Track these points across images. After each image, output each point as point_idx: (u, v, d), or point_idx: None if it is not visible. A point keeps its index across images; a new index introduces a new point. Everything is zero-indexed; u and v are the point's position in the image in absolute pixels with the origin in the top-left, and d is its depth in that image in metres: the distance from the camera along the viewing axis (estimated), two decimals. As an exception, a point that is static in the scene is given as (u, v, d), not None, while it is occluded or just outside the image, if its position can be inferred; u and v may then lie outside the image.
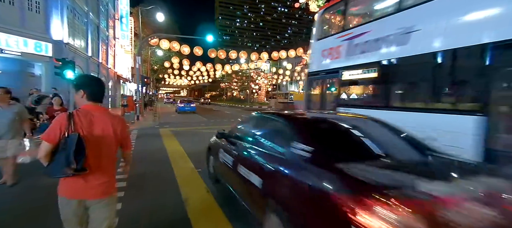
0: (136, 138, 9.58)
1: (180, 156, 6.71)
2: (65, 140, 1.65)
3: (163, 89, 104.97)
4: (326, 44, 6.73)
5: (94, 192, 1.79)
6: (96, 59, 20.83)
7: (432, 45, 4.03)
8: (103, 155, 1.80)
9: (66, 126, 1.67)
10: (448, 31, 3.85)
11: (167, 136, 10.14)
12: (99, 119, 1.80)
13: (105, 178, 1.83)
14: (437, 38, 3.98)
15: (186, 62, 32.43)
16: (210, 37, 16.52)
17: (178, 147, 7.98)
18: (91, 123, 1.76)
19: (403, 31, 4.44)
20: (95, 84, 1.91)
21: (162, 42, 23.17)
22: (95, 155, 1.74)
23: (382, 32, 4.97)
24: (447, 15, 3.90)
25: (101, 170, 1.80)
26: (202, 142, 8.61)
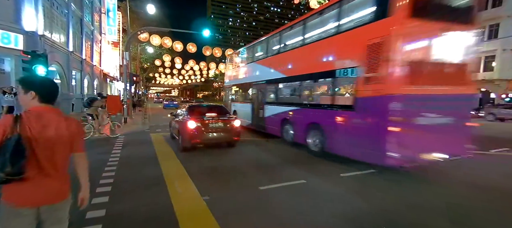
0: (122, 146, 7.99)
1: (178, 176, 5.21)
2: (5, 143, 1.56)
3: (154, 89, 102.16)
4: (228, 72, 15.66)
5: (46, 196, 1.71)
6: (79, 55, 18.91)
7: (258, 78, 10.63)
8: (56, 158, 1.72)
9: (10, 128, 1.59)
10: (260, 74, 10.51)
11: (160, 144, 8.58)
12: (53, 121, 1.73)
13: (57, 182, 1.75)
14: (258, 75, 10.64)
15: (179, 61, 30.74)
16: (206, 31, 14.97)
17: (174, 160, 6.46)
18: (44, 125, 1.68)
19: (249, 70, 11.80)
20: (48, 85, 1.82)
21: (152, 38, 21.52)
22: (48, 158, 1.68)
23: (244, 70, 12.64)
24: (258, 69, 10.74)
25: (53, 173, 1.72)
26: (203, 152, 7.31)
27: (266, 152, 7.72)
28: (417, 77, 4.94)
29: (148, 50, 31.93)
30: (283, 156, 7.04)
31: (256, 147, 8.35)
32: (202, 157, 6.75)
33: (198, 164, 6.04)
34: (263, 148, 8.27)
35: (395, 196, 4.37)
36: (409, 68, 4.81)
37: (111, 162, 6.01)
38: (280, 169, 5.78)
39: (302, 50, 7.94)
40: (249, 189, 4.51)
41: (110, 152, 7.12)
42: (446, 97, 5.25)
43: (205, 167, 5.87)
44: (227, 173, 5.51)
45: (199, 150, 7.54)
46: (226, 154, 7.26)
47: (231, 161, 6.60)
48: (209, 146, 7.76)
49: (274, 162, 6.43)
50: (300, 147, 7.78)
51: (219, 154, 7.18)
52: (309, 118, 7.30)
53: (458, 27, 5.32)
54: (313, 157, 6.90)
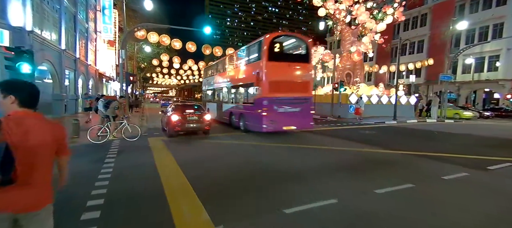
0: (117, 153, 7.14)
1: (182, 191, 4.39)
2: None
3: (151, 89, 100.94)
4: (203, 81, 20.76)
5: (27, 204, 1.66)
6: (72, 53, 17.97)
7: (218, 85, 15.54)
8: (37, 164, 1.67)
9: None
10: (219, 83, 15.47)
11: (159, 150, 7.74)
12: (35, 127, 1.68)
13: (37, 189, 1.69)
14: (218, 83, 15.59)
15: (177, 60, 29.73)
16: (207, 29, 14.15)
17: (176, 171, 5.64)
18: (25, 131, 1.62)
19: (214, 80, 16.34)
20: (29, 89, 1.76)
21: (150, 36, 20.61)
22: (29, 164, 1.63)
23: (212, 79, 17.05)
24: (218, 79, 15.60)
25: (34, 180, 1.66)
26: (207, 158, 6.49)
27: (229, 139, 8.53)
28: (276, 89, 9.92)
29: (145, 49, 30.99)
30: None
31: (223, 137, 8.98)
32: (204, 163, 5.96)
33: (206, 177, 5.24)
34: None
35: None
36: (271, 84, 9.84)
37: (102, 176, 5.17)
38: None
39: (234, 69, 13.24)
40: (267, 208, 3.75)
41: (101, 160, 6.28)
42: (294, 98, 10.28)
43: (213, 178, 5.08)
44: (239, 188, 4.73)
45: (199, 154, 6.74)
46: (223, 157, 6.49)
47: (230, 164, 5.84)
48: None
49: (221, 130, 7.95)
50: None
51: (219, 156, 6.41)
52: (240, 111, 12.07)
53: (298, 63, 10.63)
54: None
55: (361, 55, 21.73)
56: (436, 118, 17.85)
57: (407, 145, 9.23)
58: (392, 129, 13.71)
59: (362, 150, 8.02)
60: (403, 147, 8.59)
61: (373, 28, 21.19)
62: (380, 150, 7.96)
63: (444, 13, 35.45)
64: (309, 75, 10.93)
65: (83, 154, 6.94)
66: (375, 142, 9.37)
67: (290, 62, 10.44)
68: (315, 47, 24.94)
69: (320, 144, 9.07)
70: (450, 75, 21.01)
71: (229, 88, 13.50)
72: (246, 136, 10.43)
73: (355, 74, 21.90)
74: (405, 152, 7.74)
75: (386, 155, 7.44)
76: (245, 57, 11.82)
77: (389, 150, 8.03)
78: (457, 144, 9.82)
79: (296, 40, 11.42)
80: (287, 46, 11.24)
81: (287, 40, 11.35)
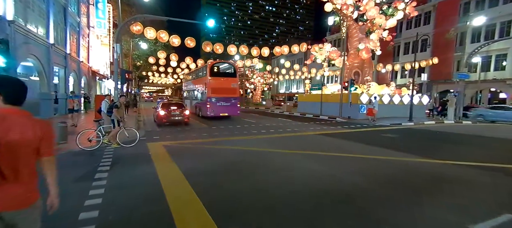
0: (110, 164, 5.90)
1: (193, 213, 3.21)
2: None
3: (146, 88, 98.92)
4: (183, 85, 28.59)
5: (12, 202, 1.60)
6: (62, 49, 16.56)
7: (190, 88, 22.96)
8: (20, 163, 1.61)
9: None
10: (191, 86, 22.95)
11: (161, 159, 6.52)
12: (19, 124, 1.62)
13: (21, 187, 1.63)
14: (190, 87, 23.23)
15: (174, 57, 28.33)
16: (211, 21, 12.92)
17: (184, 187, 4.44)
18: (7, 128, 1.56)
19: (189, 84, 23.62)
20: (15, 85, 1.70)
21: (147, 31, 19.31)
22: (12, 162, 1.58)
23: (188, 84, 24.22)
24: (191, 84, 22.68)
25: (16, 178, 1.61)
26: (218, 170, 5.08)
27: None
28: (215, 92, 16.68)
29: (141, 46, 29.54)
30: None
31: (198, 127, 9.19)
32: (215, 176, 4.77)
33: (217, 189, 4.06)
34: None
35: None
36: (212, 90, 16.64)
37: (90, 202, 3.94)
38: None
39: (196, 80, 20.12)
40: None
41: (91, 174, 5.04)
42: (225, 98, 16.93)
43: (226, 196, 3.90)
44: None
45: (210, 168, 5.54)
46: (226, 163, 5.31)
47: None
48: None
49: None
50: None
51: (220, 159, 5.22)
52: (199, 105, 18.52)
53: (228, 78, 17.74)
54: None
55: (370, 53, 20.70)
56: (453, 119, 16.90)
57: (449, 152, 8.06)
58: (415, 132, 12.60)
59: (401, 159, 6.87)
60: (446, 154, 7.47)
61: (383, 24, 20.15)
62: (421, 159, 6.81)
63: (449, 11, 34.73)
64: (236, 84, 18.19)
65: (68, 165, 5.69)
66: (407, 148, 8.27)
67: (223, 77, 17.73)
68: (321, 45, 23.87)
69: (345, 150, 7.94)
70: (467, 73, 20.15)
71: (194, 91, 20.98)
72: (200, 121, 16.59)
73: (363, 73, 20.85)
74: (454, 162, 6.58)
75: (434, 166, 6.30)
76: (200, 74, 19.52)
77: (431, 159, 6.89)
78: (504, 149, 8.79)
79: (227, 64, 19.50)
80: (221, 68, 18.42)
81: (221, 65, 18.74)
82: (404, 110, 18.97)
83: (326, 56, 22.06)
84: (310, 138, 10.34)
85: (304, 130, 12.64)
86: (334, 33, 54.21)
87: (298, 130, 12.66)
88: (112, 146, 7.73)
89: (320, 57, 22.30)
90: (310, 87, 30.67)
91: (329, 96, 20.65)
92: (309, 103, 23.07)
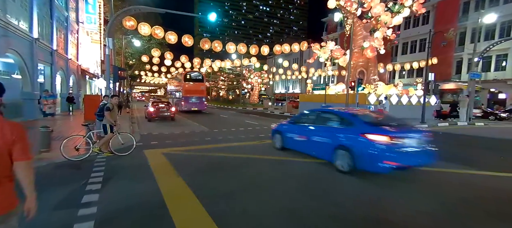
0: (102, 180, 4.78)
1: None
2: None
3: (138, 87, 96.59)
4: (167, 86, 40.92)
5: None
6: (48, 44, 15.18)
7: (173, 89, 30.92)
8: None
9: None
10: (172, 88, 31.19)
11: (163, 171, 5.44)
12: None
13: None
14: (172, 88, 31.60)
15: (169, 56, 27.01)
16: (212, 15, 11.84)
17: (202, 218, 3.40)
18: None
19: (172, 86, 31.85)
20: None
21: (141, 27, 18.08)
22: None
23: (172, 86, 32.27)
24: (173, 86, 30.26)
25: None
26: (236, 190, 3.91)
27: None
28: (188, 93, 23.63)
29: (134, 44, 28.13)
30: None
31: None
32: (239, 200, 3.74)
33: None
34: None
35: None
36: (186, 91, 23.62)
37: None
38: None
39: (176, 83, 27.28)
40: None
41: (76, 197, 3.93)
42: (195, 97, 23.78)
43: None
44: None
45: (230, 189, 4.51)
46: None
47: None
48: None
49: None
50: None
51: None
52: (177, 101, 24.87)
53: (198, 82, 24.55)
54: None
55: (375, 51, 19.95)
56: (466, 121, 16.24)
57: (495, 160, 7.20)
58: (439, 136, 11.65)
59: (452, 172, 5.86)
60: (496, 164, 6.60)
61: (388, 22, 19.42)
62: (479, 172, 5.78)
63: (448, 11, 34.48)
64: (203, 87, 25.27)
65: (48, 183, 4.55)
66: (449, 157, 7.30)
67: (193, 82, 24.08)
68: (323, 43, 23.03)
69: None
70: (479, 73, 19.62)
71: (175, 91, 27.58)
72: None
73: (368, 72, 20.09)
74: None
75: (502, 181, 5.36)
76: (178, 79, 26.32)
77: (489, 171, 5.90)
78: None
79: (197, 73, 26.45)
80: (192, 75, 24.94)
81: (192, 73, 25.44)
82: (412, 111, 18.25)
83: (330, 55, 21.21)
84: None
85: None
86: (330, 32, 53.66)
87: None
88: (104, 155, 6.59)
89: (323, 55, 21.42)
90: (312, 87, 29.79)
91: (333, 97, 19.79)
92: (312, 104, 22.16)
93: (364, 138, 5.03)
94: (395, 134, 5.00)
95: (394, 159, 4.73)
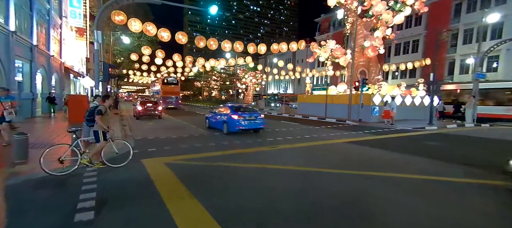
0: (95, 208, 3.71)
1: None
2: None
3: (125, 87, 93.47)
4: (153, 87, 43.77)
5: None
6: (27, 39, 13.71)
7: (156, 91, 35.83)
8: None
9: None
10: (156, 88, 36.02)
11: (174, 194, 4.42)
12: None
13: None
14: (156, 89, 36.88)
15: (161, 54, 25.60)
16: (214, 8, 10.83)
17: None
18: None
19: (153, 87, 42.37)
20: None
21: (131, 22, 16.81)
22: None
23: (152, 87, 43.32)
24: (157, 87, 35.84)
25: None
26: (267, 210, 3.26)
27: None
28: (165, 93, 30.25)
29: (123, 41, 26.55)
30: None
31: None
32: None
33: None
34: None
35: None
36: (164, 92, 30.34)
37: None
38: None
39: (158, 85, 34.08)
40: None
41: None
42: (171, 97, 30.31)
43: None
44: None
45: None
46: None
47: None
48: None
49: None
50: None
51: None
52: (159, 100, 26.22)
53: (173, 85, 31.54)
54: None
55: (377, 51, 19.46)
56: (472, 122, 15.92)
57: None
58: (456, 138, 10.99)
59: (492, 183, 5.24)
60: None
61: (389, 20, 18.98)
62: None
63: (441, 12, 34.77)
64: (178, 89, 31.83)
65: (21, 209, 3.46)
66: (479, 164, 6.68)
67: (170, 85, 30.64)
68: (323, 42, 22.40)
69: (410, 168, 6.25)
70: (483, 73, 19.47)
71: (156, 92, 33.28)
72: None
73: (370, 72, 19.58)
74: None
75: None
76: (157, 82, 34.35)
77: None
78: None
79: (172, 77, 33.60)
80: (169, 80, 31.95)
81: (169, 78, 32.79)
82: (416, 112, 17.86)
83: (330, 55, 20.57)
84: (342, 148, 8.59)
85: (324, 136, 10.88)
86: (323, 32, 53.45)
87: (317, 136, 10.89)
88: (95, 166, 5.49)
89: (324, 55, 20.74)
90: (312, 88, 29.14)
91: (335, 98, 19.14)
92: (311, 105, 21.46)
93: (231, 117, 10.62)
94: (242, 114, 10.63)
95: (241, 126, 10.39)
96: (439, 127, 14.24)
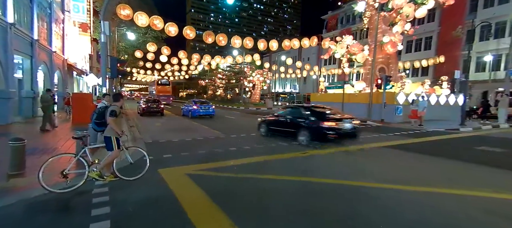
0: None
1: None
2: None
3: (128, 86, 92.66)
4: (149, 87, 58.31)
5: None
6: (27, 33, 12.75)
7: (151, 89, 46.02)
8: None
9: None
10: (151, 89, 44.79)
11: (205, 217, 3.42)
12: None
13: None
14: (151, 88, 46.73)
15: (166, 51, 24.66)
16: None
17: None
18: None
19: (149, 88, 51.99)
20: None
21: (138, 16, 15.93)
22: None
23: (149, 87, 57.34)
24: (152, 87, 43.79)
25: None
26: None
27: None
28: (160, 93, 36.96)
29: (128, 37, 25.62)
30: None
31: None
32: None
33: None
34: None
35: None
36: (158, 91, 37.51)
37: None
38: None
39: (153, 85, 42.25)
40: None
41: None
42: (164, 95, 36.28)
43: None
44: None
45: None
46: None
47: None
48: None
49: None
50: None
51: None
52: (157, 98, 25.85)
53: (165, 86, 40.12)
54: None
55: (396, 47, 18.34)
56: (506, 122, 14.80)
57: None
58: (508, 142, 10.05)
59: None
60: None
61: (410, 14, 17.83)
62: None
63: (455, 8, 33.48)
64: (169, 89, 40.52)
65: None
66: None
67: (163, 86, 39.22)
68: (339, 37, 21.31)
69: (458, 181, 5.22)
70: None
71: (151, 91, 41.97)
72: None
73: (389, 69, 18.48)
74: None
75: None
76: (152, 83, 43.30)
77: None
78: None
79: (165, 79, 43.41)
80: (162, 81, 41.08)
81: (162, 80, 41.84)
82: (441, 112, 16.71)
83: (346, 52, 19.47)
84: (381, 154, 7.56)
85: (353, 141, 9.84)
86: (330, 30, 52.15)
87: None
88: (106, 180, 4.50)
89: (340, 51, 19.65)
90: (326, 86, 28.03)
91: (352, 96, 18.05)
92: (326, 104, 20.38)
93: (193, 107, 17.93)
94: (200, 106, 17.94)
95: (199, 113, 17.58)
96: (474, 129, 13.11)
